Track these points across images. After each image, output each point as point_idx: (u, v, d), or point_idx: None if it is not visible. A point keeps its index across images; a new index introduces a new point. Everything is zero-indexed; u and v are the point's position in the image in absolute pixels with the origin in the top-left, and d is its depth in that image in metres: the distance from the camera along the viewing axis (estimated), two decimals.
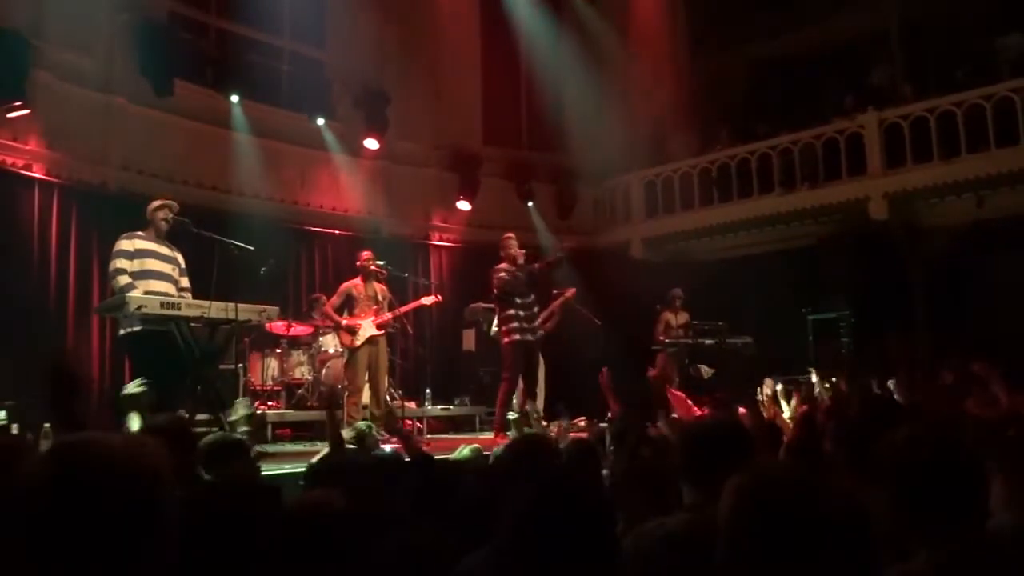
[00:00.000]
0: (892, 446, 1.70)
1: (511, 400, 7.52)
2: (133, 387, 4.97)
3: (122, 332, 5.71)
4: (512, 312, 7.44)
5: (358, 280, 7.69)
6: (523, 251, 7.61)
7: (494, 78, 12.98)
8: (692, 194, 12.37)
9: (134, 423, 4.62)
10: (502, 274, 7.42)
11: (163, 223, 5.93)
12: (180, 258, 6.10)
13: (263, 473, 3.89)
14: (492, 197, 12.40)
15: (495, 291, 7.52)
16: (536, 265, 7.72)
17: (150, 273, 5.77)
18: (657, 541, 1.91)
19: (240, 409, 5.68)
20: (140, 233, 5.89)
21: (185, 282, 6.10)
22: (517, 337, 7.40)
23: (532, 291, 7.62)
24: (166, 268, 5.91)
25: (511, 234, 7.81)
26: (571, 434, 5.65)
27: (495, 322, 7.91)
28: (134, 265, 5.73)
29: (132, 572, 1.15)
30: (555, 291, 8.52)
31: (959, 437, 1.78)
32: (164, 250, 5.95)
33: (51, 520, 1.11)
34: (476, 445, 4.40)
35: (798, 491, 1.41)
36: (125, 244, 5.79)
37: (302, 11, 10.99)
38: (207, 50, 9.91)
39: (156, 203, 6.05)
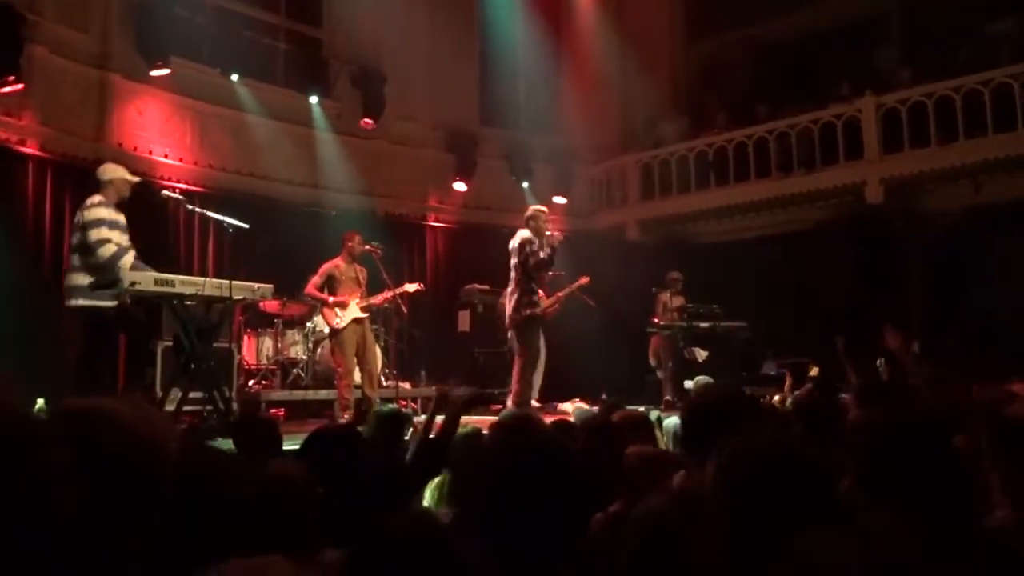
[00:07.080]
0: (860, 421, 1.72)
1: (530, 375, 7.47)
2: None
3: (72, 303, 5.64)
4: (534, 286, 7.33)
5: (339, 260, 7.49)
6: (554, 232, 7.41)
7: (492, 59, 12.90)
8: (689, 177, 12.35)
9: None
10: (540, 254, 7.20)
11: (115, 195, 5.81)
12: (122, 219, 5.95)
13: None
14: (489, 178, 12.38)
15: (530, 264, 7.21)
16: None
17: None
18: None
19: None
20: (103, 200, 5.75)
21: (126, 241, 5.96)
22: (529, 312, 7.32)
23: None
24: (125, 240, 5.82)
25: (544, 208, 7.71)
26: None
27: (512, 296, 7.53)
28: (114, 235, 5.67)
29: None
30: (552, 272, 8.38)
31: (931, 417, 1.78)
32: (120, 218, 5.84)
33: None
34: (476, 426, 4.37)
35: (784, 454, 1.43)
36: (102, 212, 5.66)
37: None
38: (203, 27, 9.84)
39: (114, 169, 5.96)
